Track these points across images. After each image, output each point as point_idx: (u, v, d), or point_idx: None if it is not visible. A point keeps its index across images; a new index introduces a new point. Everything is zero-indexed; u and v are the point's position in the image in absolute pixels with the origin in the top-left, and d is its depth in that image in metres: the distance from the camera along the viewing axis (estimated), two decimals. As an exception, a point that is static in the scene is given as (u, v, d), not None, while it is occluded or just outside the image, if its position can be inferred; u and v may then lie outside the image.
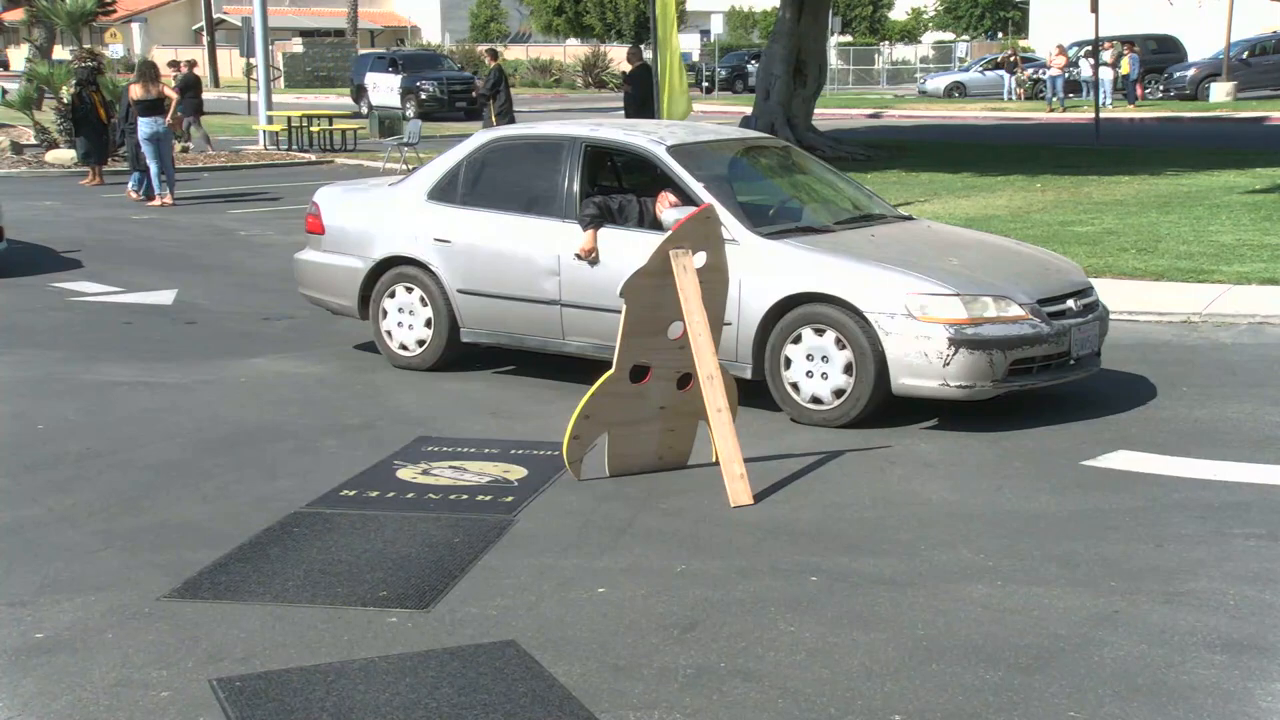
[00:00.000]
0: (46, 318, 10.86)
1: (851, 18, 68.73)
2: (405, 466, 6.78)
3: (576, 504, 6.21)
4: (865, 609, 4.99)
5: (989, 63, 50.13)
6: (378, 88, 40.15)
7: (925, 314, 7.15)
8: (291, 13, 72.86)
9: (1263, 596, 5.10)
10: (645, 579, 5.28)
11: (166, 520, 6.00)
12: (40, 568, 5.44)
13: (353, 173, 22.28)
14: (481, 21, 76.86)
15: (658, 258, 6.36)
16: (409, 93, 39.76)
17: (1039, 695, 4.30)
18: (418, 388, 8.48)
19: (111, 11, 30.08)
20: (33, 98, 25.34)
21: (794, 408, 7.53)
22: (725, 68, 54.42)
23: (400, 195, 9.08)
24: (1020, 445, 7.11)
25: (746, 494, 6.17)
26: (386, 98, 39.61)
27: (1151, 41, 42.29)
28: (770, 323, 7.53)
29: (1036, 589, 5.16)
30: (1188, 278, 11.44)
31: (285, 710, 4.20)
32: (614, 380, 6.45)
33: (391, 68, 41.73)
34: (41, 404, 8.10)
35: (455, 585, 5.21)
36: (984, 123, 35.13)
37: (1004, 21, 72.45)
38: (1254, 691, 4.34)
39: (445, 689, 4.33)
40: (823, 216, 8.47)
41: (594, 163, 8.66)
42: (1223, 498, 6.27)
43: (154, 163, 18.36)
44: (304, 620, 4.90)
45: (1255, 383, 8.40)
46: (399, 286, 8.88)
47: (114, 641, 4.73)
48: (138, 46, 63.37)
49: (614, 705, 4.24)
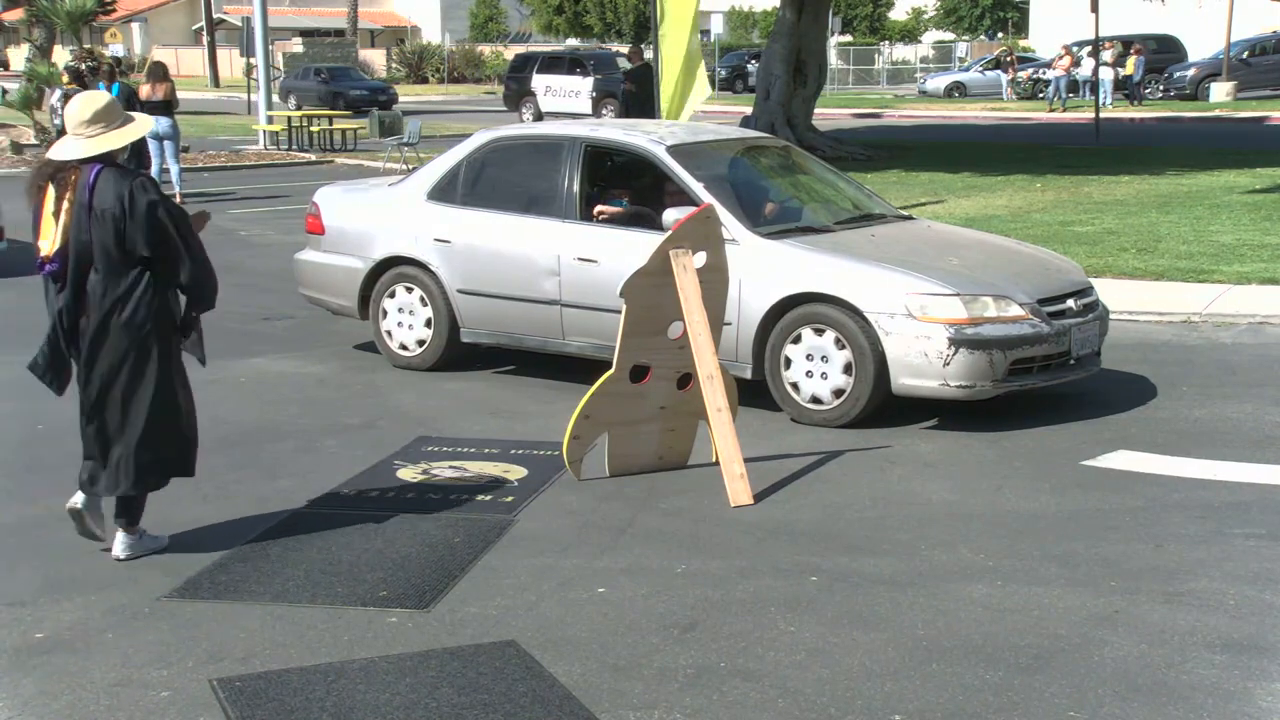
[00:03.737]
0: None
1: (851, 18, 68.71)
2: (405, 466, 6.78)
3: (576, 504, 6.21)
4: (865, 609, 4.99)
5: (989, 63, 50.12)
6: (552, 91, 35.49)
7: (925, 314, 7.15)
8: (291, 13, 72.87)
9: (1263, 596, 5.10)
10: (645, 579, 5.28)
11: (166, 520, 6.00)
12: (40, 568, 5.44)
13: (353, 173, 22.28)
14: (481, 21, 76.88)
15: (658, 257, 6.37)
16: (607, 97, 33.09)
17: (1039, 695, 4.30)
18: (418, 388, 8.48)
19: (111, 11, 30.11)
20: (33, 98, 25.34)
21: (794, 408, 7.53)
22: (725, 68, 54.37)
23: (400, 195, 9.08)
24: (1020, 445, 7.11)
25: (746, 494, 6.17)
26: (567, 104, 34.55)
27: (1151, 41, 42.25)
28: (770, 323, 7.53)
29: (1036, 589, 5.16)
30: (1188, 278, 11.44)
31: (285, 710, 4.20)
32: (614, 380, 6.45)
33: (576, 69, 36.11)
34: (41, 404, 8.09)
35: (455, 585, 5.21)
36: (984, 123, 35.12)
37: (1003, 21, 72.44)
38: (1254, 691, 4.34)
39: (445, 689, 4.33)
40: (823, 216, 8.47)
41: (594, 163, 8.65)
42: (1223, 498, 6.27)
43: (157, 159, 18.45)
44: (304, 620, 4.90)
45: (1255, 383, 8.40)
46: (399, 286, 8.88)
47: (114, 641, 4.73)
48: (138, 46, 63.43)
49: (614, 705, 4.24)
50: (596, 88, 34.42)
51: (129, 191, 5.18)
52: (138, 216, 5.18)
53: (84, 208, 5.20)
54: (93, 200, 5.20)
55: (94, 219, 5.20)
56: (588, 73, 35.56)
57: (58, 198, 5.27)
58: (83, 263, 5.25)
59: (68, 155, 5.27)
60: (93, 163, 5.26)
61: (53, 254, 5.28)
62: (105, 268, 5.24)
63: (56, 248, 5.26)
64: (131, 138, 5.34)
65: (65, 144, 5.32)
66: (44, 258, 5.32)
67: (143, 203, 5.18)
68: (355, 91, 42.32)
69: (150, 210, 5.20)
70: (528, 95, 35.97)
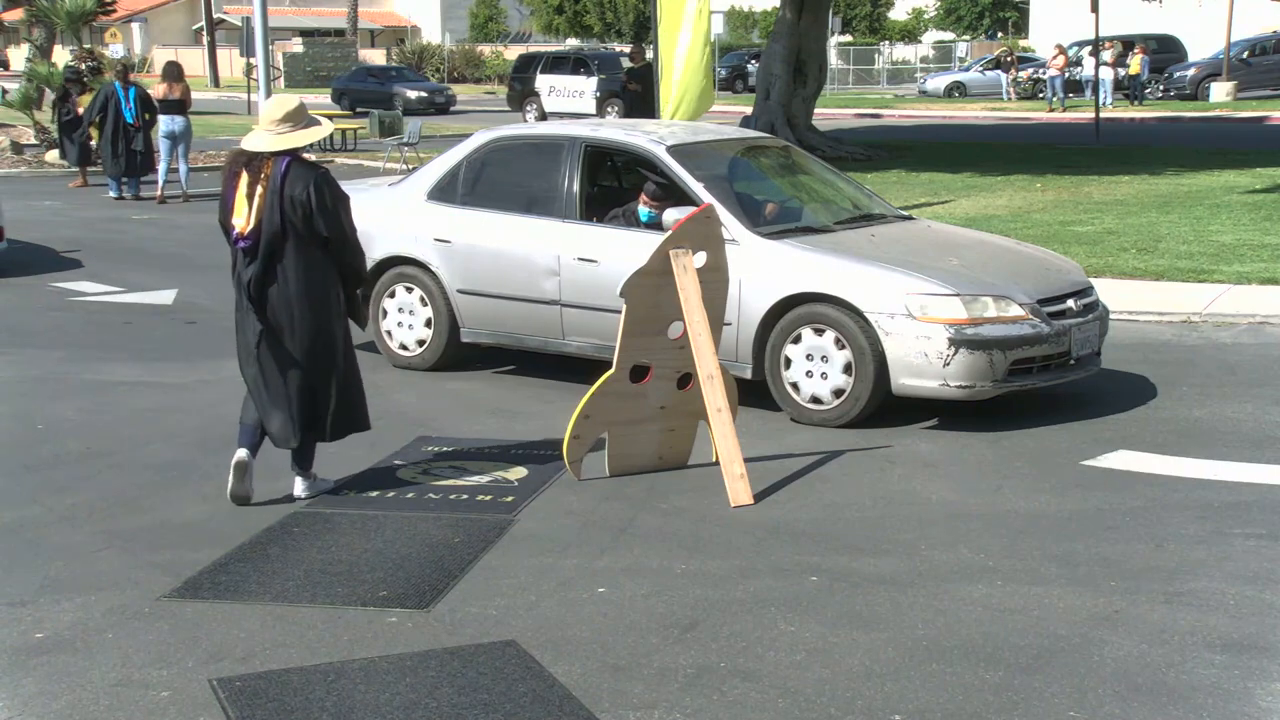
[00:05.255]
0: (46, 318, 10.86)
1: (851, 17, 68.71)
2: (405, 466, 6.78)
3: (576, 504, 6.21)
4: (865, 609, 4.99)
5: (989, 62, 50.11)
6: (556, 91, 35.25)
7: (925, 314, 7.15)
8: (291, 13, 72.86)
9: (1263, 596, 5.10)
10: (645, 579, 5.28)
11: (166, 520, 6.00)
12: (40, 568, 5.44)
13: (353, 173, 22.26)
14: (481, 21, 76.88)
15: (658, 257, 6.37)
16: (611, 97, 32.26)
17: (1039, 695, 4.30)
18: (418, 388, 8.48)
19: (111, 11, 30.05)
20: (33, 98, 25.32)
21: (794, 408, 7.53)
22: (725, 68, 54.35)
23: (400, 195, 9.08)
24: (1020, 445, 7.11)
25: (746, 494, 6.17)
26: (571, 104, 34.36)
27: (1152, 41, 42.25)
28: (770, 322, 7.53)
29: (1036, 589, 5.17)
30: (1188, 278, 11.44)
31: (285, 710, 4.20)
32: (614, 380, 6.45)
33: (581, 69, 35.97)
34: (41, 404, 8.10)
35: (455, 585, 5.21)
36: (984, 123, 35.12)
37: (1003, 21, 72.44)
38: (1254, 691, 4.34)
39: (445, 689, 4.34)
40: (823, 216, 8.47)
41: (594, 163, 8.65)
42: (1223, 498, 6.27)
43: (166, 159, 18.55)
44: (304, 620, 4.90)
45: (1255, 383, 8.40)
46: (399, 286, 8.88)
47: (114, 641, 4.73)
48: (138, 46, 63.38)
49: (614, 705, 4.24)
50: (601, 88, 34.08)
51: (314, 182, 5.98)
52: (323, 204, 5.98)
53: (276, 194, 5.94)
54: (284, 188, 5.94)
55: (285, 203, 5.94)
56: (592, 73, 35.34)
57: (250, 182, 5.99)
58: (273, 241, 5.97)
59: (260, 147, 6.02)
60: (282, 155, 6.00)
61: (246, 231, 5.98)
62: (295, 245, 6.00)
63: (250, 227, 5.97)
64: (315, 138, 6.13)
65: (258, 137, 6.06)
66: (239, 233, 6.02)
67: (326, 193, 6.00)
68: (413, 92, 41.46)
69: (332, 199, 6.02)
70: (532, 95, 35.75)
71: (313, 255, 6.04)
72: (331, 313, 6.16)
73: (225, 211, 6.09)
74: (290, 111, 6.08)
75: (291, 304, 6.04)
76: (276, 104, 6.12)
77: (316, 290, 6.08)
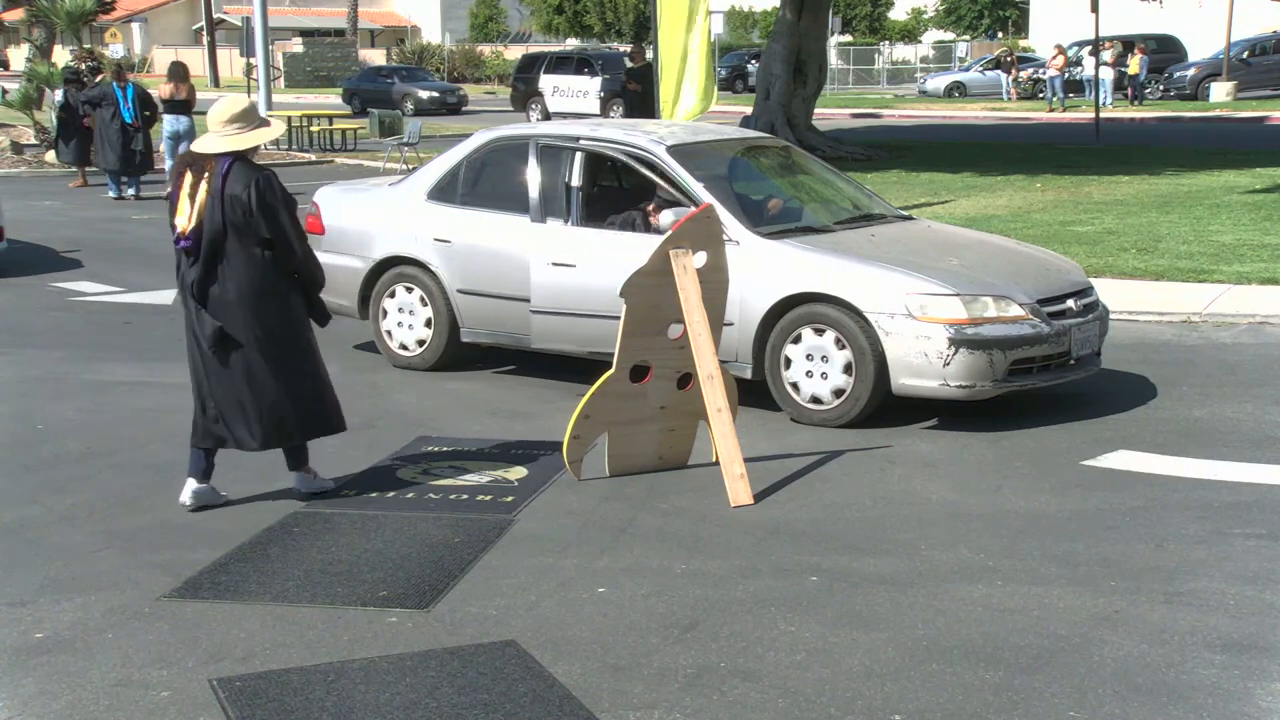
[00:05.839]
0: (46, 318, 10.86)
1: (851, 17, 68.72)
2: (405, 466, 6.78)
3: (576, 504, 6.21)
4: (865, 609, 4.99)
5: (989, 62, 50.11)
6: (560, 91, 35.06)
7: (925, 314, 7.15)
8: (291, 13, 72.87)
9: (1263, 596, 5.10)
10: (645, 579, 5.28)
11: (166, 520, 6.00)
12: (40, 568, 5.44)
13: (353, 173, 22.28)
14: (481, 21, 76.88)
15: (658, 257, 6.37)
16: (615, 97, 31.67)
17: (1039, 695, 4.30)
18: (418, 388, 8.48)
19: (111, 11, 30.07)
20: (33, 98, 25.32)
21: (794, 408, 7.53)
22: (725, 68, 54.32)
23: (400, 195, 9.08)
24: (1020, 445, 7.11)
25: (746, 494, 6.17)
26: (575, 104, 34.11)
27: (1151, 41, 42.28)
28: (770, 323, 7.53)
29: (1036, 589, 5.17)
30: (1188, 278, 11.44)
31: (285, 710, 4.20)
32: (614, 380, 6.45)
33: (584, 69, 35.66)
34: (41, 404, 8.10)
35: (455, 585, 5.21)
36: (984, 123, 35.13)
37: (1003, 21, 72.44)
38: (1254, 691, 4.34)
39: (445, 689, 4.34)
40: (823, 216, 8.47)
41: (594, 163, 8.65)
42: (1223, 498, 6.27)
43: (169, 159, 18.67)
44: (304, 620, 4.90)
45: (1255, 383, 8.40)
46: (399, 286, 8.88)
47: (114, 641, 4.73)
48: (138, 46, 63.41)
49: (614, 705, 4.24)
50: (604, 88, 33.81)
51: (256, 182, 5.90)
52: (263, 203, 5.88)
53: (218, 194, 5.88)
54: (225, 187, 5.88)
55: (226, 203, 5.87)
56: (595, 73, 35.09)
57: (194, 183, 5.95)
58: (215, 241, 5.92)
59: (207, 149, 5.97)
60: (226, 156, 5.93)
61: (188, 231, 5.95)
62: (237, 246, 5.93)
63: (191, 226, 5.94)
64: (263, 139, 6.05)
65: (206, 139, 6.01)
66: (180, 233, 5.98)
67: (267, 193, 5.90)
68: (425, 93, 41.37)
69: (274, 199, 5.91)
70: (535, 95, 35.62)
71: (255, 257, 5.93)
72: (282, 315, 6.01)
73: (170, 212, 6.05)
74: (239, 113, 5.99)
75: (234, 306, 5.92)
76: (225, 105, 6.02)
77: (261, 292, 5.94)
